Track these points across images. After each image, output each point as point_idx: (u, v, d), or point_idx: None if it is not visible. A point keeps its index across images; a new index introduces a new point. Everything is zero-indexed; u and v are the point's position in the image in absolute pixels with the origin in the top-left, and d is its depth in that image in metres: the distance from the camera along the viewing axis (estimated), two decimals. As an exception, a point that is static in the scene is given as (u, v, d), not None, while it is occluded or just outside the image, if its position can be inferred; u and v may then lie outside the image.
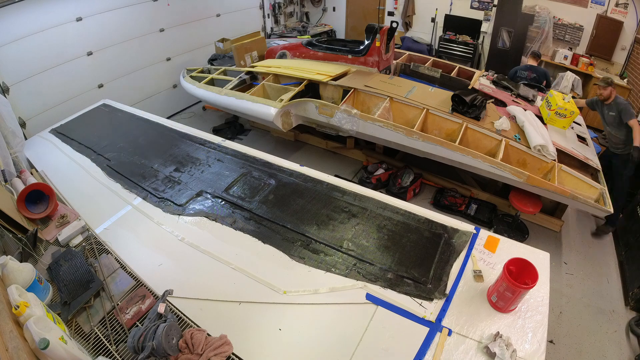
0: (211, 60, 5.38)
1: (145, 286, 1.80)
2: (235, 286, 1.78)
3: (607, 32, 5.20)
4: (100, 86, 4.67)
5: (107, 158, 2.86)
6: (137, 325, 1.62)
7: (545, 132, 3.21)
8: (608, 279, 3.06)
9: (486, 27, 6.03)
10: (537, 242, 3.34)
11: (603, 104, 3.29)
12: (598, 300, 2.86)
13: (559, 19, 5.57)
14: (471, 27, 6.24)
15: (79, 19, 4.20)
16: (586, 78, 5.33)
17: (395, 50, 4.70)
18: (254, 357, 1.48)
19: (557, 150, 3.09)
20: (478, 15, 6.16)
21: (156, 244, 2.08)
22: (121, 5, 4.59)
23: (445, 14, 6.46)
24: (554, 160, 3.00)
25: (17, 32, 3.70)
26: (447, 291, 1.69)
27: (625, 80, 4.99)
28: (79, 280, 1.81)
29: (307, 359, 1.49)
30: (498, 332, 1.46)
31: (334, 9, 7.92)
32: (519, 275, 1.62)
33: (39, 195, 2.33)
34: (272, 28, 7.22)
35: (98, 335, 1.62)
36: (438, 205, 3.77)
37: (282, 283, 1.76)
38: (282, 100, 3.76)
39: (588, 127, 3.91)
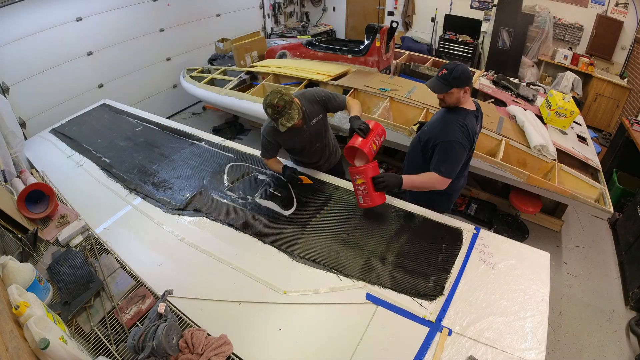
0: (211, 60, 5.38)
1: (145, 286, 1.80)
2: (235, 286, 1.77)
3: (607, 32, 5.20)
4: (100, 86, 4.67)
5: (107, 158, 2.86)
6: (137, 325, 1.62)
7: (545, 132, 3.21)
8: (608, 279, 3.06)
9: (486, 27, 6.02)
10: (537, 242, 3.34)
11: None
12: (598, 300, 2.86)
13: (559, 18, 5.57)
14: (471, 27, 6.24)
15: (79, 19, 4.20)
16: (586, 78, 5.33)
17: (395, 50, 4.70)
18: (254, 357, 1.48)
19: (557, 150, 3.09)
20: (478, 15, 6.16)
21: (156, 244, 2.08)
22: (121, 5, 4.59)
23: (445, 14, 6.46)
24: (554, 160, 3.00)
25: (17, 32, 3.70)
26: (447, 291, 1.69)
27: (625, 80, 4.99)
28: (79, 280, 1.81)
29: (307, 359, 1.49)
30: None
31: (334, 9, 7.92)
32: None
33: (39, 195, 2.33)
34: (272, 28, 7.22)
35: (98, 335, 1.61)
36: (438, 205, 3.77)
37: (282, 283, 1.76)
38: (282, 100, 3.75)
39: (588, 127, 3.91)
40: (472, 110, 1.98)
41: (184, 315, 1.65)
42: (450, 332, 1.51)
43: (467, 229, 2.02)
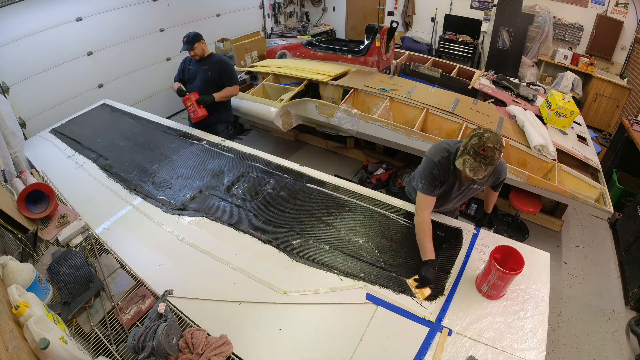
0: (211, 60, 5.37)
1: (145, 286, 1.80)
2: (235, 286, 1.78)
3: (607, 31, 5.20)
4: (100, 86, 4.66)
5: (107, 158, 2.86)
6: (137, 325, 1.62)
7: (545, 131, 3.21)
8: (608, 279, 3.06)
9: (486, 27, 6.03)
10: (537, 242, 3.34)
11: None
12: (598, 300, 2.86)
13: (559, 18, 5.57)
14: (471, 27, 6.25)
15: (79, 19, 4.20)
16: (586, 78, 5.34)
17: (395, 50, 4.70)
18: (254, 357, 1.48)
19: (557, 150, 3.09)
20: (478, 15, 6.17)
21: (156, 244, 2.08)
22: (121, 5, 4.58)
23: (445, 14, 6.46)
24: (554, 160, 3.00)
25: (17, 32, 3.70)
26: (447, 291, 1.69)
27: (625, 80, 4.99)
28: (79, 280, 1.81)
29: (307, 359, 1.49)
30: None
31: (334, 9, 7.92)
32: (505, 261, 1.63)
33: (39, 195, 2.33)
34: (272, 28, 7.22)
35: (98, 335, 1.62)
36: (438, 205, 3.77)
37: (282, 283, 1.76)
38: (282, 100, 3.76)
39: (588, 127, 3.91)
40: None
41: (184, 315, 1.65)
42: (450, 332, 1.51)
43: (467, 229, 2.02)
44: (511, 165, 2.91)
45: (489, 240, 1.95)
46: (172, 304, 1.68)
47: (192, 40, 3.06)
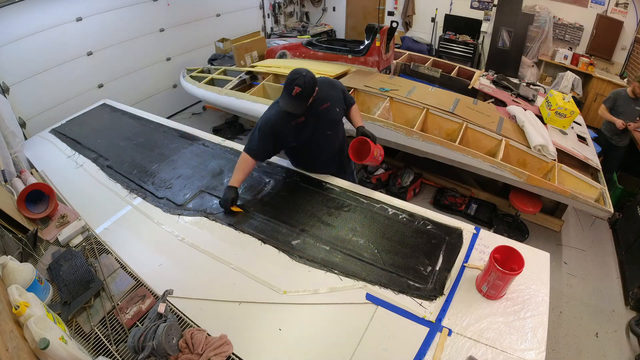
0: (211, 60, 5.38)
1: (145, 286, 1.80)
2: (235, 286, 1.77)
3: (607, 31, 5.20)
4: (100, 86, 4.67)
5: (107, 158, 2.86)
6: (137, 325, 1.62)
7: (545, 131, 3.21)
8: (608, 279, 3.07)
9: (486, 27, 6.03)
10: (537, 242, 3.35)
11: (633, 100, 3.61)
12: (598, 300, 2.87)
13: (559, 18, 5.57)
14: (471, 27, 6.25)
15: (79, 19, 4.20)
16: (586, 78, 5.34)
17: (395, 50, 4.70)
18: (254, 357, 1.48)
19: (557, 150, 3.09)
20: (478, 15, 6.17)
21: (156, 244, 2.08)
22: (121, 5, 4.59)
23: (445, 14, 6.47)
24: (554, 160, 3.00)
25: (17, 32, 3.70)
26: (447, 291, 1.69)
27: (626, 80, 4.99)
28: (79, 280, 1.80)
29: (307, 359, 1.49)
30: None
31: (334, 9, 7.92)
32: (505, 261, 1.64)
33: (39, 195, 2.33)
34: (272, 28, 7.22)
35: (98, 335, 1.61)
36: (438, 205, 3.77)
37: (282, 283, 1.76)
38: (282, 100, 3.75)
39: (588, 127, 3.91)
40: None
41: (184, 315, 1.65)
42: (450, 332, 1.51)
43: (467, 229, 2.02)
44: (511, 165, 2.91)
45: (489, 240, 1.94)
46: (172, 304, 1.68)
47: (310, 91, 1.96)
